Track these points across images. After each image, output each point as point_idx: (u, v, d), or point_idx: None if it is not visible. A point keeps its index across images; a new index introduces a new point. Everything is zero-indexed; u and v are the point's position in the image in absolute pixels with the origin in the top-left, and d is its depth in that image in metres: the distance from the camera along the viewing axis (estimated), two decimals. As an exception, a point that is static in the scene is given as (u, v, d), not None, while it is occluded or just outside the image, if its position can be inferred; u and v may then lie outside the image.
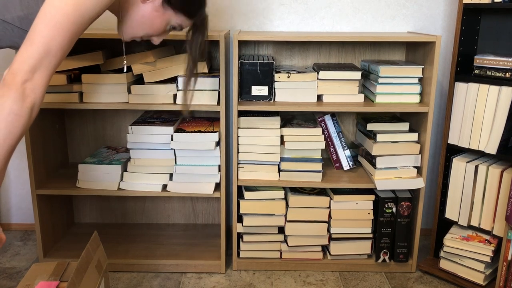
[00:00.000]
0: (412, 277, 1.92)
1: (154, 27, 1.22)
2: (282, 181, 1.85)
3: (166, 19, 1.22)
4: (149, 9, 1.18)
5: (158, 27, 1.22)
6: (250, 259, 1.94)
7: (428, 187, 2.19)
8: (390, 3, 2.03)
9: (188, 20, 1.25)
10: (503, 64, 1.68)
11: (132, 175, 1.85)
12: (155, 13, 1.19)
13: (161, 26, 1.22)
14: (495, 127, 1.69)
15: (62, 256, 1.93)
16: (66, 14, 0.99)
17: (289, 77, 1.80)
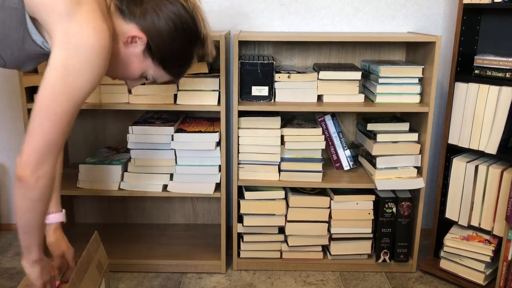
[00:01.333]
0: (412, 277, 1.92)
1: (130, 72, 1.19)
2: (283, 181, 1.85)
3: (143, 67, 1.18)
4: (129, 52, 1.15)
5: (133, 72, 1.19)
6: (251, 259, 1.94)
7: (428, 187, 2.19)
8: (390, 3, 2.03)
9: (166, 75, 1.22)
10: (503, 64, 1.68)
11: (133, 175, 1.85)
12: (134, 58, 1.16)
13: (136, 72, 1.19)
14: (495, 127, 1.69)
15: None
16: (60, 105, 1.02)
17: (289, 77, 1.80)
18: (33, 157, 1.03)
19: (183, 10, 1.14)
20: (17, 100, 2.10)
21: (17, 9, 1.03)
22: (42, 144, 1.03)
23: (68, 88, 1.01)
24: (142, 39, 1.12)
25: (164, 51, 1.15)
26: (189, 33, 1.17)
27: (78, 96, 1.03)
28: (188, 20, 1.15)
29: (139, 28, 1.12)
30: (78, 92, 1.03)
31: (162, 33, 1.13)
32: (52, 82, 1.00)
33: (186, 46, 1.18)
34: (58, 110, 1.02)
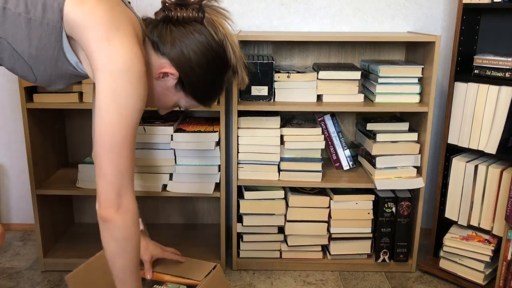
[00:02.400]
0: (412, 276, 1.92)
1: (162, 102, 1.21)
2: (282, 181, 1.85)
3: (175, 99, 1.21)
4: (161, 85, 1.17)
5: (166, 103, 1.22)
6: (250, 259, 1.94)
7: (428, 187, 2.19)
8: (390, 3, 2.03)
9: (198, 104, 1.25)
10: (502, 64, 1.68)
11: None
12: (166, 91, 1.18)
13: (169, 103, 1.22)
14: (494, 126, 1.69)
15: (62, 256, 1.93)
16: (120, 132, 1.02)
17: (289, 77, 1.80)
18: (112, 192, 1.03)
19: (212, 40, 1.14)
20: (17, 100, 2.10)
21: (56, 27, 1.03)
22: (115, 177, 1.03)
23: (121, 112, 1.01)
24: (174, 75, 1.14)
25: (195, 83, 1.17)
26: (219, 64, 1.17)
27: (132, 118, 1.03)
28: (218, 51, 1.15)
29: (170, 63, 1.13)
30: (131, 114, 1.03)
31: (193, 67, 1.14)
32: (106, 110, 1.01)
33: (217, 76, 1.19)
34: (118, 138, 1.02)
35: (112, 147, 1.02)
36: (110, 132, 1.02)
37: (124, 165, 1.04)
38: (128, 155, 1.04)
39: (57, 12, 1.01)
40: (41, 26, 1.02)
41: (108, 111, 1.01)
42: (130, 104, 1.02)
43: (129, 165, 1.05)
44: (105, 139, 1.02)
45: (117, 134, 1.02)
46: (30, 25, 1.02)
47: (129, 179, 1.06)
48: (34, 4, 1.01)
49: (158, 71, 1.14)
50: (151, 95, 1.18)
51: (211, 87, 1.21)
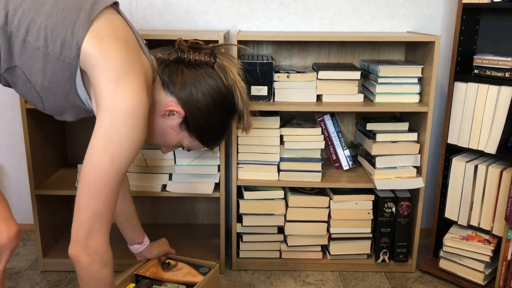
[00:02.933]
0: (411, 277, 1.92)
1: (165, 140, 1.23)
2: (282, 181, 1.85)
3: (179, 138, 1.22)
4: (166, 123, 1.19)
5: (169, 142, 1.23)
6: (250, 259, 1.94)
7: (427, 187, 2.19)
8: (390, 2, 2.03)
9: (201, 146, 1.26)
10: (502, 64, 1.68)
11: (132, 175, 1.85)
12: (170, 130, 1.20)
13: (172, 142, 1.23)
14: (494, 126, 1.69)
15: (62, 256, 1.93)
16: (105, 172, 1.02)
17: (288, 77, 1.80)
18: (82, 232, 1.03)
19: (222, 85, 1.17)
20: (17, 101, 2.10)
21: (71, 64, 1.05)
22: (87, 218, 1.02)
23: (111, 158, 1.02)
24: (180, 113, 1.16)
25: (201, 124, 1.18)
26: (227, 107, 1.20)
27: (119, 166, 1.03)
28: (226, 96, 1.18)
29: (178, 101, 1.16)
30: (120, 162, 1.03)
31: (200, 108, 1.16)
32: (96, 152, 1.02)
33: (223, 119, 1.21)
34: (100, 182, 1.02)
35: (93, 190, 1.02)
36: (95, 175, 1.02)
37: (101, 208, 1.03)
38: (106, 201, 1.04)
39: (75, 50, 1.03)
40: (57, 62, 1.04)
41: (99, 154, 1.02)
42: (122, 152, 1.03)
43: (107, 210, 1.04)
44: (88, 179, 1.02)
45: (101, 178, 1.02)
46: (47, 60, 1.04)
47: (103, 222, 1.04)
48: (53, 40, 1.03)
49: (164, 108, 1.16)
50: (154, 133, 1.20)
51: (216, 130, 1.23)
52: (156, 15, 2.03)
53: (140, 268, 1.52)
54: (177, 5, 2.02)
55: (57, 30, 1.02)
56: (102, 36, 1.04)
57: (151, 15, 2.03)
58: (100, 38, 1.04)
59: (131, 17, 2.02)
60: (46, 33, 1.02)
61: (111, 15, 1.09)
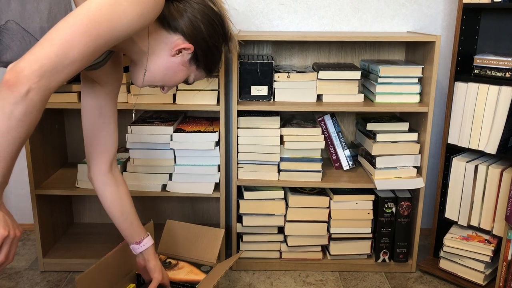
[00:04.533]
0: (412, 277, 1.92)
1: (175, 79, 1.21)
2: (282, 181, 1.84)
3: (188, 73, 1.22)
4: (176, 62, 1.17)
5: (179, 79, 1.22)
6: (250, 259, 1.94)
7: (428, 187, 2.19)
8: (390, 2, 2.03)
9: (206, 75, 1.27)
10: (503, 64, 1.68)
11: (132, 175, 1.85)
12: (181, 67, 1.19)
13: (181, 79, 1.22)
14: (495, 127, 1.69)
15: (62, 256, 1.93)
16: (98, 24, 0.93)
17: (288, 77, 1.80)
18: (39, 63, 0.88)
19: (214, 12, 1.17)
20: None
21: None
22: (60, 52, 0.89)
23: (111, 17, 0.94)
24: (190, 49, 1.15)
25: (207, 54, 1.19)
26: (221, 32, 1.20)
27: (115, 29, 0.95)
28: (219, 20, 1.19)
29: (184, 38, 1.14)
30: (117, 26, 0.95)
31: (205, 38, 1.16)
32: (100, 2, 0.93)
33: (221, 44, 1.22)
34: (93, 31, 0.92)
35: (82, 29, 0.91)
36: (92, 18, 0.92)
37: (75, 55, 0.91)
38: (85, 53, 0.93)
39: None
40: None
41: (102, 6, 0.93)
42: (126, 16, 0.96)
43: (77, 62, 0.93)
44: (82, 17, 0.92)
45: (96, 25, 0.93)
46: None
47: (65, 72, 0.92)
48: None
49: (174, 48, 1.14)
50: (165, 74, 1.18)
51: (217, 55, 1.24)
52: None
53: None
54: (177, 5, 2.02)
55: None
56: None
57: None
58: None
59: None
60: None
61: None
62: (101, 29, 0.94)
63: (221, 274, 1.46)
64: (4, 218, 0.91)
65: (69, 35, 0.91)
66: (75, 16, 0.92)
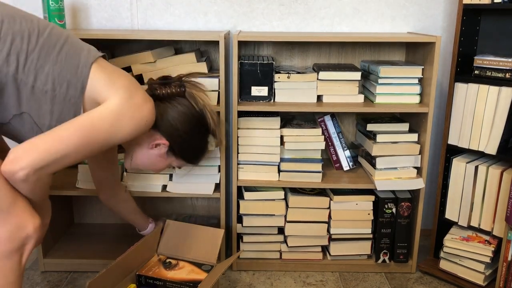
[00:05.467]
0: (412, 277, 1.92)
1: (156, 167, 1.43)
2: (282, 182, 1.85)
3: (168, 163, 1.43)
4: (154, 154, 1.38)
5: (160, 167, 1.43)
6: (250, 259, 1.94)
7: (428, 188, 2.19)
8: (390, 3, 2.03)
9: (188, 164, 1.47)
10: (503, 64, 1.68)
11: (132, 176, 1.85)
12: (159, 158, 1.39)
13: (162, 167, 1.43)
14: (495, 127, 1.69)
15: (62, 256, 1.93)
16: (97, 132, 1.13)
17: (289, 77, 1.80)
18: (34, 156, 1.07)
19: (194, 111, 1.37)
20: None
21: (76, 103, 1.18)
22: (50, 151, 1.09)
23: (109, 130, 1.15)
24: (165, 144, 1.36)
25: (184, 148, 1.40)
26: (202, 129, 1.41)
27: (110, 140, 1.17)
28: (199, 118, 1.38)
29: (161, 134, 1.35)
30: (113, 138, 1.17)
31: (181, 135, 1.36)
32: (103, 117, 1.14)
33: (200, 140, 1.43)
34: (91, 140, 1.13)
35: (81, 134, 1.12)
36: (94, 129, 1.14)
37: (73, 156, 1.12)
38: (82, 155, 1.14)
39: (80, 89, 1.17)
40: (64, 102, 1.16)
41: (106, 118, 1.16)
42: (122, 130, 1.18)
43: (66, 161, 1.12)
44: (86, 125, 1.13)
45: (95, 135, 1.14)
46: (54, 101, 1.15)
47: (53, 168, 1.11)
48: (60, 83, 1.15)
49: (151, 142, 1.35)
50: (146, 163, 1.40)
51: (197, 149, 1.45)
52: (157, 16, 2.03)
53: (142, 268, 1.53)
54: (177, 5, 2.02)
55: (63, 74, 1.15)
56: (106, 68, 1.21)
57: (152, 16, 2.03)
58: (105, 69, 1.21)
59: (132, 17, 2.03)
60: (53, 77, 1.14)
61: (104, 60, 1.25)
62: (99, 137, 1.14)
63: (221, 272, 1.46)
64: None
65: (68, 135, 1.11)
66: (80, 120, 1.13)
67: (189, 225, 1.72)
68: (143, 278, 1.50)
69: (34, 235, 1.10)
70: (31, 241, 1.09)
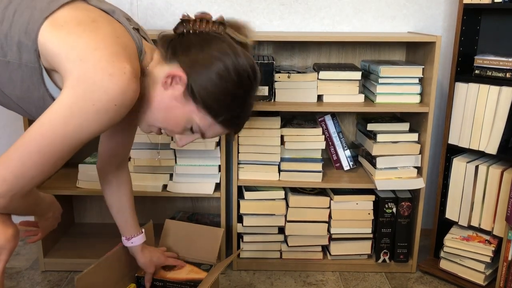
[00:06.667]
0: (412, 277, 1.92)
1: (172, 118, 1.01)
2: (282, 181, 1.85)
3: (186, 113, 1.00)
4: (168, 95, 0.99)
5: (176, 120, 1.01)
6: (250, 259, 1.94)
7: (428, 187, 2.19)
8: (390, 3, 2.03)
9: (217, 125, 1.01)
10: (503, 64, 1.68)
11: (132, 175, 1.84)
12: (174, 102, 0.99)
13: (180, 120, 1.01)
14: (495, 127, 1.69)
15: (62, 256, 1.93)
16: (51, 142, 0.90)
17: (289, 77, 1.80)
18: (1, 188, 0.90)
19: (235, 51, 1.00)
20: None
21: (34, 68, 0.95)
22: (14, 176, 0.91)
23: (66, 131, 0.90)
24: (181, 77, 0.96)
25: (208, 89, 0.96)
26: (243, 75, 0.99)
27: (73, 142, 0.91)
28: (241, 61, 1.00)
29: (180, 65, 0.97)
30: (75, 138, 0.91)
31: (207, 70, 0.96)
32: (52, 119, 0.89)
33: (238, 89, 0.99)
34: (47, 148, 0.90)
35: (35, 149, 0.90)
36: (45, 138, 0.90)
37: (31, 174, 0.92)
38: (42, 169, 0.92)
39: (33, 51, 0.93)
40: (20, 68, 0.96)
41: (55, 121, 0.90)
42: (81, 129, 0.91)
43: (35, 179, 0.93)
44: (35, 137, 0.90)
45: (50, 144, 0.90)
46: (9, 68, 0.96)
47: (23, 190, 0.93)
48: (9, 46, 0.94)
49: (164, 77, 0.98)
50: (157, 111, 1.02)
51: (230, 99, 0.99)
52: (157, 15, 2.03)
53: (141, 270, 1.53)
54: (178, 5, 2.02)
55: (11, 34, 0.93)
56: (60, 23, 0.93)
57: (152, 15, 2.03)
58: (58, 25, 0.92)
59: (132, 17, 2.01)
60: (0, 40, 0.93)
61: (76, 7, 0.97)
62: (57, 147, 0.91)
63: (220, 270, 1.46)
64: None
65: (24, 156, 0.90)
66: (29, 135, 0.90)
67: (189, 224, 1.71)
68: (142, 279, 1.50)
69: (7, 245, 0.97)
70: (5, 252, 0.97)
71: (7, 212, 0.97)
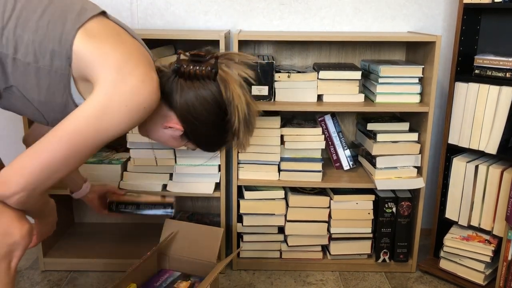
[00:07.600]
0: (412, 277, 1.92)
1: (170, 144, 1.25)
2: (282, 181, 1.85)
3: (182, 144, 1.25)
4: (168, 134, 1.20)
5: (173, 145, 1.26)
6: (250, 259, 1.94)
7: (428, 187, 2.19)
8: (390, 3, 2.03)
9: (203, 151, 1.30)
10: (503, 64, 1.68)
11: (132, 175, 1.85)
12: (173, 139, 1.22)
13: (177, 146, 1.26)
14: (495, 127, 1.69)
15: (62, 256, 1.93)
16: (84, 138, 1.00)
17: (289, 77, 1.80)
18: (24, 178, 0.99)
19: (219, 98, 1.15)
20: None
21: (64, 75, 1.04)
22: (41, 170, 0.99)
23: (98, 129, 1.01)
24: (179, 129, 1.17)
25: (201, 137, 1.21)
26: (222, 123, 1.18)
27: (102, 139, 1.03)
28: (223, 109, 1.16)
29: (177, 116, 1.16)
30: (105, 136, 1.03)
31: (196, 123, 1.16)
32: (86, 116, 1.00)
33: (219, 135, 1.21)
34: (80, 142, 1.00)
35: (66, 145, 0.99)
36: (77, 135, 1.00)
37: (58, 168, 1.01)
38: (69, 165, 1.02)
39: (65, 59, 1.03)
40: (49, 74, 1.04)
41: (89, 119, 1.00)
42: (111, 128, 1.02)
43: (59, 174, 1.02)
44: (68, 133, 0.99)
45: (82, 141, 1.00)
46: (39, 74, 1.04)
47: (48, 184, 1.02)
48: (42, 53, 1.02)
49: (164, 123, 1.17)
50: (158, 139, 1.23)
51: (211, 143, 1.25)
52: (157, 15, 2.03)
53: (112, 195, 1.57)
54: (177, 5, 2.02)
55: (45, 43, 1.01)
56: (93, 34, 1.04)
57: (152, 15, 2.03)
58: (91, 36, 1.03)
59: (132, 16, 2.02)
60: (34, 47, 1.01)
61: (101, 21, 1.08)
62: (88, 141, 1.01)
63: (219, 270, 1.46)
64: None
65: (54, 150, 0.98)
66: (63, 129, 1.00)
67: (188, 224, 1.71)
68: (114, 205, 1.51)
69: (21, 241, 1.03)
70: (19, 248, 1.03)
71: (23, 208, 1.03)
